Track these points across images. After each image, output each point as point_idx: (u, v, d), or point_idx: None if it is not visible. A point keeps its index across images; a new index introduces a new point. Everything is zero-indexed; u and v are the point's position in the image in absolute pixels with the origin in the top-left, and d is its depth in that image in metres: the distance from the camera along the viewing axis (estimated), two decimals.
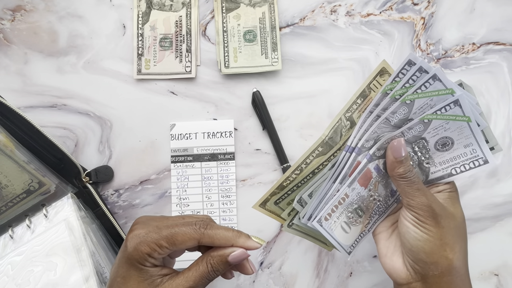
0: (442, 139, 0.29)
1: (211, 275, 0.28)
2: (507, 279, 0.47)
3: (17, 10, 0.48)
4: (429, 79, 0.27)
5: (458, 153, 0.30)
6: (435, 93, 0.27)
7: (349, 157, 0.31)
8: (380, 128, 0.30)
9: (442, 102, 0.27)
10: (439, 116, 0.28)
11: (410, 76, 0.28)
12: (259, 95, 0.46)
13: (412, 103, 0.28)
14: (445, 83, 0.27)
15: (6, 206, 0.38)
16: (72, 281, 0.35)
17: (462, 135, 0.29)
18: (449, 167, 0.31)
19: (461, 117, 0.28)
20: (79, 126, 0.47)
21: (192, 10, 0.48)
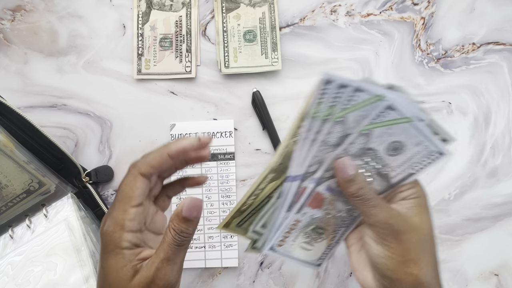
0: (391, 144, 0.28)
1: (179, 239, 0.27)
2: (507, 279, 0.47)
3: (17, 10, 0.48)
4: (354, 93, 0.26)
5: (412, 153, 0.29)
6: (365, 103, 0.26)
7: (291, 185, 0.30)
8: (321, 151, 0.28)
9: (375, 110, 0.26)
10: (377, 124, 0.27)
11: (332, 95, 0.27)
12: (259, 95, 0.46)
13: (345, 119, 0.27)
14: (371, 91, 0.26)
15: (6, 206, 0.38)
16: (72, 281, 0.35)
17: (409, 135, 0.28)
18: (407, 168, 0.30)
19: (400, 120, 0.27)
20: (79, 126, 0.47)
21: (192, 10, 0.48)
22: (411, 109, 0.27)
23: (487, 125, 0.48)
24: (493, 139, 0.48)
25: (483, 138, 0.48)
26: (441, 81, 0.48)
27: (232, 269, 0.46)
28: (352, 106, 0.27)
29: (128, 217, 0.27)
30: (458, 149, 0.48)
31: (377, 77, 0.48)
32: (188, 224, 0.27)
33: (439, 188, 0.47)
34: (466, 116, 0.48)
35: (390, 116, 0.27)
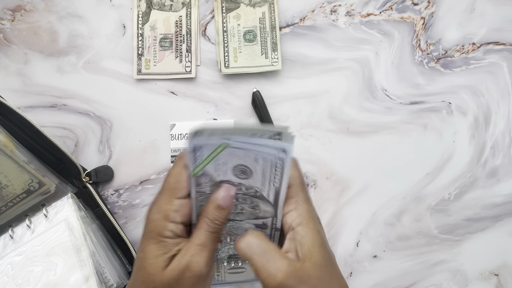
0: (236, 170, 0.28)
1: (214, 227, 0.28)
2: (507, 279, 0.47)
3: (17, 10, 0.48)
4: (196, 151, 0.27)
5: (261, 168, 0.28)
6: (211, 156, 0.27)
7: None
8: (202, 201, 0.29)
9: (190, 155, 0.27)
10: (203, 162, 0.27)
11: (192, 156, 0.28)
12: (259, 95, 0.46)
13: (206, 171, 0.28)
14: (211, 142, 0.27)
15: (6, 206, 0.38)
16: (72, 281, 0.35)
17: (241, 157, 0.27)
18: (270, 184, 0.29)
19: (217, 149, 0.27)
20: (79, 126, 0.47)
21: (192, 10, 0.48)
22: (218, 139, 0.26)
23: (487, 125, 0.48)
24: (493, 139, 0.48)
25: (483, 138, 0.48)
26: (441, 81, 0.48)
27: None
28: (204, 161, 0.27)
29: (173, 208, 0.28)
30: (458, 149, 0.48)
31: (377, 77, 0.48)
32: (221, 212, 0.28)
33: (439, 188, 0.47)
34: (466, 116, 0.48)
35: (208, 150, 0.27)
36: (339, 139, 0.47)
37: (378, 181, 0.47)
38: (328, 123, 0.48)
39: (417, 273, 0.46)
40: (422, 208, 0.47)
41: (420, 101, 0.48)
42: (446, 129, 0.48)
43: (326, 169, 0.47)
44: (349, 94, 0.48)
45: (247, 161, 0.28)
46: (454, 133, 0.48)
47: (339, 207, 0.47)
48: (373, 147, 0.47)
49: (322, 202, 0.47)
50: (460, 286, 0.46)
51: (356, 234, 0.47)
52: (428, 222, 0.47)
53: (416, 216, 0.47)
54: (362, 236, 0.47)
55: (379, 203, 0.47)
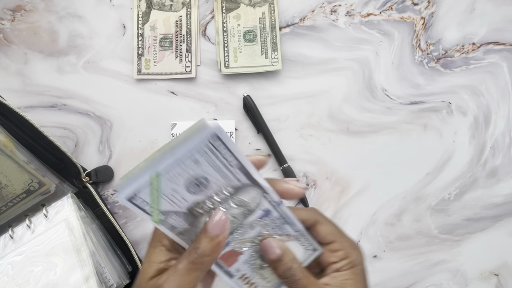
0: (190, 188, 0.26)
1: (196, 260, 0.26)
2: (507, 279, 0.47)
3: (17, 10, 0.48)
4: (133, 202, 0.24)
5: (208, 165, 0.25)
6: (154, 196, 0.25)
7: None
8: (189, 239, 0.27)
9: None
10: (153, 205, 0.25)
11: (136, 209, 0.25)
12: (250, 99, 0.46)
13: (165, 212, 0.26)
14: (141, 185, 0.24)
15: (6, 206, 0.38)
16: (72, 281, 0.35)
17: (181, 173, 0.25)
18: (227, 167, 0.26)
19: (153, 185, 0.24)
20: (79, 126, 0.47)
21: (192, 10, 0.48)
22: (145, 176, 0.24)
23: (487, 125, 0.48)
24: (493, 139, 0.48)
25: (483, 138, 0.48)
26: (441, 81, 0.48)
27: None
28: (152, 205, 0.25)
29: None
30: (458, 149, 0.48)
31: (377, 77, 0.48)
32: (208, 242, 0.26)
33: (439, 188, 0.47)
34: (466, 116, 0.48)
35: (146, 193, 0.24)
36: (339, 139, 0.47)
37: (378, 181, 0.47)
38: (328, 123, 0.48)
39: (417, 273, 0.46)
40: (422, 208, 0.47)
41: (420, 101, 0.48)
42: (446, 129, 0.48)
43: (326, 169, 0.47)
44: (349, 94, 0.48)
45: (190, 171, 0.25)
46: (454, 133, 0.48)
47: (339, 207, 0.47)
48: (373, 147, 0.47)
49: (322, 202, 0.47)
50: (460, 286, 0.46)
51: (356, 234, 0.47)
52: (428, 222, 0.47)
53: (416, 216, 0.47)
54: (362, 236, 0.47)
55: (379, 203, 0.47)
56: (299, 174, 0.47)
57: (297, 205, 0.47)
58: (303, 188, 0.29)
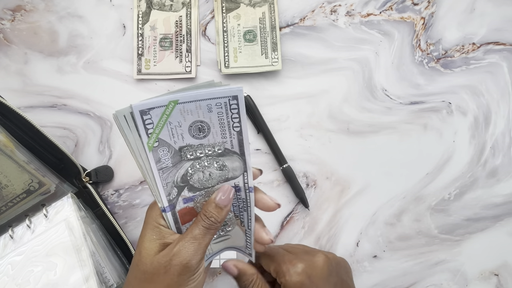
0: (192, 130, 0.28)
1: (209, 225, 0.30)
2: (507, 279, 0.47)
3: (17, 10, 0.48)
4: (143, 117, 0.26)
5: (217, 118, 0.28)
6: (162, 120, 0.27)
7: (167, 216, 0.31)
8: (166, 178, 0.29)
9: (139, 120, 0.27)
10: (155, 130, 0.27)
11: (143, 124, 0.27)
12: (250, 99, 0.46)
13: (162, 140, 0.27)
14: (159, 103, 0.26)
15: (6, 206, 0.38)
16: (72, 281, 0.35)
17: (194, 112, 0.27)
18: (231, 130, 0.28)
19: (167, 109, 0.26)
20: (79, 126, 0.47)
21: (192, 10, 0.48)
22: (165, 97, 0.26)
23: (487, 125, 0.48)
24: (493, 139, 0.48)
25: (483, 138, 0.48)
26: (441, 81, 0.48)
27: None
28: (156, 128, 0.27)
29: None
30: (458, 149, 0.48)
31: (377, 77, 0.48)
32: (219, 212, 0.30)
33: (439, 188, 0.47)
34: (466, 116, 0.48)
35: (156, 116, 0.26)
36: (339, 139, 0.47)
37: (378, 181, 0.47)
38: (328, 123, 0.48)
39: (417, 273, 0.46)
40: (422, 208, 0.47)
41: (420, 101, 0.48)
42: (446, 129, 0.48)
43: (326, 169, 0.47)
44: (349, 94, 0.48)
45: (201, 114, 0.27)
46: (454, 133, 0.48)
47: (339, 207, 0.47)
48: (373, 147, 0.47)
49: (322, 202, 0.47)
50: (460, 286, 0.46)
51: (356, 234, 0.47)
52: (428, 222, 0.47)
53: (416, 216, 0.47)
54: (362, 236, 0.47)
55: (379, 203, 0.47)
56: (299, 174, 0.47)
57: (297, 205, 0.47)
58: (277, 204, 0.32)
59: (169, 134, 0.27)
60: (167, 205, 0.30)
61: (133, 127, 0.27)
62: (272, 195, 0.46)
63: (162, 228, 0.30)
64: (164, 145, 0.28)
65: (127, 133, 0.27)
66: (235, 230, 0.35)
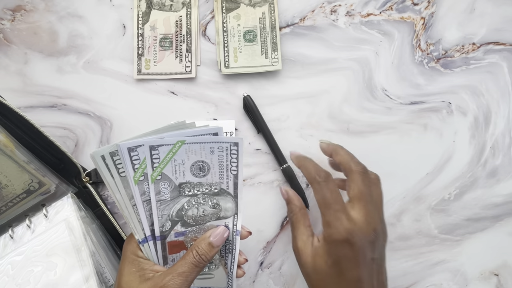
0: (193, 169, 0.30)
1: (198, 262, 0.30)
2: (507, 279, 0.47)
3: (17, 10, 0.48)
4: (152, 152, 0.29)
5: (218, 160, 0.30)
6: (169, 155, 0.29)
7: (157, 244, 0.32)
8: (163, 210, 0.31)
9: (147, 156, 0.29)
10: (160, 165, 0.29)
11: (150, 157, 0.29)
12: (250, 99, 0.46)
13: (164, 175, 0.30)
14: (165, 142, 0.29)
15: (6, 206, 0.38)
16: (72, 281, 0.35)
17: (198, 152, 0.29)
18: (228, 174, 0.31)
19: (174, 148, 0.29)
20: (79, 126, 0.47)
21: (192, 10, 0.48)
22: (173, 139, 0.29)
23: (487, 125, 0.48)
24: (493, 139, 0.48)
25: (483, 138, 0.48)
26: (441, 81, 0.48)
27: None
28: (161, 163, 0.29)
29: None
30: (458, 149, 0.48)
31: (377, 77, 0.48)
32: (211, 250, 0.31)
33: (439, 188, 0.47)
34: (466, 116, 0.48)
35: (163, 153, 0.29)
36: (339, 139, 0.47)
37: None
38: (328, 123, 0.48)
39: (417, 273, 0.46)
40: (422, 208, 0.47)
41: (420, 101, 0.48)
42: (446, 129, 0.48)
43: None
44: (349, 94, 0.48)
45: (203, 154, 0.30)
46: (454, 133, 0.48)
47: None
48: (373, 147, 0.47)
49: None
50: (460, 286, 0.46)
51: None
52: (428, 222, 0.47)
53: (416, 216, 0.47)
54: None
55: None
56: (299, 174, 0.47)
57: None
58: (248, 232, 0.35)
59: (172, 171, 0.30)
60: (149, 235, 0.32)
61: (111, 165, 0.29)
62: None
63: (141, 260, 0.31)
64: (165, 180, 0.30)
65: (104, 171, 0.29)
66: (219, 270, 0.36)
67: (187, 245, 0.33)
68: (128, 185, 0.30)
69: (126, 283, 0.30)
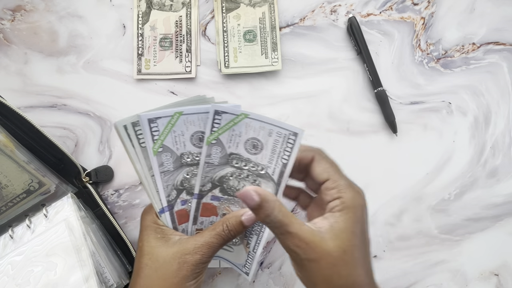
0: (248, 144, 0.30)
1: (226, 235, 0.31)
2: (507, 279, 0.47)
3: (17, 10, 0.48)
4: (215, 117, 0.29)
5: (272, 144, 0.30)
6: (230, 124, 0.29)
7: (192, 202, 0.33)
8: (208, 172, 0.31)
9: (208, 119, 0.29)
10: (219, 130, 0.29)
11: (212, 121, 0.30)
12: (355, 21, 0.47)
13: (219, 141, 0.30)
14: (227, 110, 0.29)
15: (6, 206, 0.38)
16: (72, 281, 0.35)
17: (256, 130, 0.30)
18: (278, 159, 0.31)
19: (237, 118, 0.29)
20: (79, 126, 0.47)
21: (192, 10, 0.48)
22: (238, 110, 0.29)
23: (487, 125, 0.48)
24: (493, 139, 0.48)
25: (483, 138, 0.48)
26: (441, 81, 0.48)
27: (232, 269, 0.46)
28: (220, 129, 0.30)
29: None
30: (458, 149, 0.48)
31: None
32: (240, 228, 0.31)
33: (439, 188, 0.47)
34: (466, 116, 0.48)
35: (225, 120, 0.29)
36: (339, 139, 0.47)
37: (378, 181, 0.47)
38: (328, 123, 0.48)
39: (417, 273, 0.46)
40: (422, 208, 0.47)
41: (420, 101, 0.48)
42: (446, 129, 0.48)
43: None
44: (349, 94, 0.48)
45: (261, 134, 0.30)
46: (454, 133, 0.48)
47: None
48: (373, 147, 0.47)
49: None
50: (460, 286, 0.46)
51: None
52: (428, 222, 0.47)
53: (416, 216, 0.47)
54: None
55: (379, 203, 0.47)
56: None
57: (296, 206, 0.47)
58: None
59: (228, 139, 0.30)
60: (166, 205, 0.32)
61: (133, 136, 0.30)
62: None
63: (163, 227, 0.32)
64: (219, 145, 0.30)
65: (125, 141, 0.30)
66: (239, 247, 0.36)
67: (218, 211, 0.34)
68: (147, 156, 0.30)
69: (152, 248, 0.30)
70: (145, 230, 0.32)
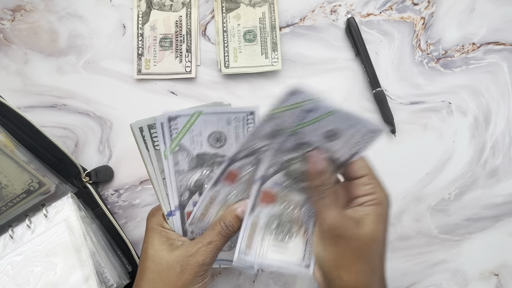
0: (327, 133, 0.30)
1: (225, 232, 0.31)
2: (507, 279, 0.47)
3: (17, 10, 0.48)
4: (170, 123, 0.31)
5: (349, 135, 0.31)
6: (187, 126, 0.30)
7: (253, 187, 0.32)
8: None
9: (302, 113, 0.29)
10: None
11: (169, 128, 0.31)
12: (354, 21, 0.47)
13: (182, 145, 0.31)
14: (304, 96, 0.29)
15: (6, 206, 0.38)
16: (72, 281, 0.35)
17: (339, 123, 0.29)
18: (350, 147, 0.31)
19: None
20: (79, 126, 0.47)
21: (192, 10, 0.48)
22: (330, 105, 0.29)
23: (487, 125, 0.48)
24: (493, 139, 0.48)
25: (483, 138, 0.48)
26: (441, 81, 0.48)
27: (232, 269, 0.46)
28: (305, 123, 0.29)
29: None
30: (458, 149, 0.48)
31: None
32: (237, 222, 0.32)
33: (439, 188, 0.47)
34: (466, 116, 0.48)
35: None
36: None
37: None
38: None
39: (417, 273, 0.46)
40: (422, 208, 0.47)
41: (420, 101, 0.48)
42: (446, 129, 0.48)
43: None
44: (349, 94, 0.48)
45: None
46: (454, 133, 0.48)
47: None
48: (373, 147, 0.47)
49: None
50: (460, 286, 0.46)
51: None
52: (428, 222, 0.47)
53: (416, 216, 0.47)
54: None
55: None
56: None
57: None
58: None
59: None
60: (177, 206, 0.32)
61: (148, 137, 0.31)
62: None
63: (168, 231, 0.32)
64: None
65: (140, 143, 0.31)
66: (296, 241, 0.32)
67: (276, 198, 0.32)
68: (160, 159, 0.31)
69: (156, 251, 0.31)
70: (150, 232, 0.33)
